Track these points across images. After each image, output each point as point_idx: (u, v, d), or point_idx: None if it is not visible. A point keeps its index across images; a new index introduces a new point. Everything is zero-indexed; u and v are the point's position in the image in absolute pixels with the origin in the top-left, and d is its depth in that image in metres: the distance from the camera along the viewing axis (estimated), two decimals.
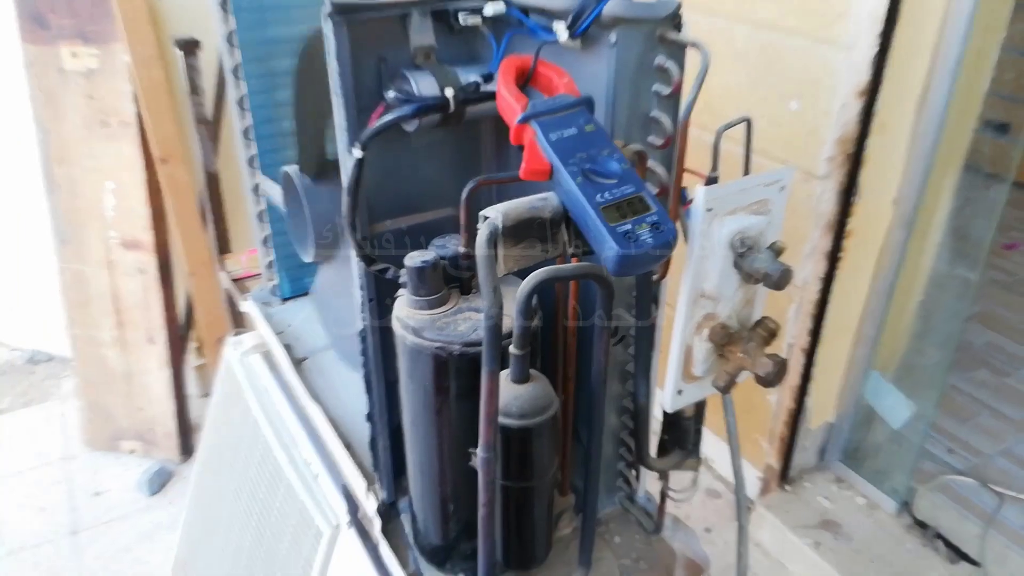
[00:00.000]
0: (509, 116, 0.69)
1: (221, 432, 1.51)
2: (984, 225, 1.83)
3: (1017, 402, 2.45)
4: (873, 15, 1.52)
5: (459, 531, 0.91)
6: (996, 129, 1.90)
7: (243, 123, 1.31)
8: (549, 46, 0.75)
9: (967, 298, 1.87)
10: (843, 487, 2.10)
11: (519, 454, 0.78)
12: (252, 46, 1.24)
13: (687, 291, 0.72)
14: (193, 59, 1.74)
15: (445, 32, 0.85)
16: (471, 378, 0.77)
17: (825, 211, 1.73)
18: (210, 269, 2.31)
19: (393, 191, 0.89)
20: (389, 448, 0.98)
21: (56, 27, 2.10)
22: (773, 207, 0.73)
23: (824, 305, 1.84)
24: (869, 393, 2.03)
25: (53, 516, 2.18)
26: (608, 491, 1.02)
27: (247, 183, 1.39)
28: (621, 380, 0.92)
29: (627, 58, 0.72)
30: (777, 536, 2.02)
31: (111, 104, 2.14)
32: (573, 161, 0.64)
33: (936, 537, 1.92)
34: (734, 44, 1.80)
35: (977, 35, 1.56)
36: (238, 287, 1.64)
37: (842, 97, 1.61)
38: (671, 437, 0.90)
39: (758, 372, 0.72)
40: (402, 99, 0.78)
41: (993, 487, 2.09)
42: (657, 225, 0.62)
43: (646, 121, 0.77)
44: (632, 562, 0.97)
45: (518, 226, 0.64)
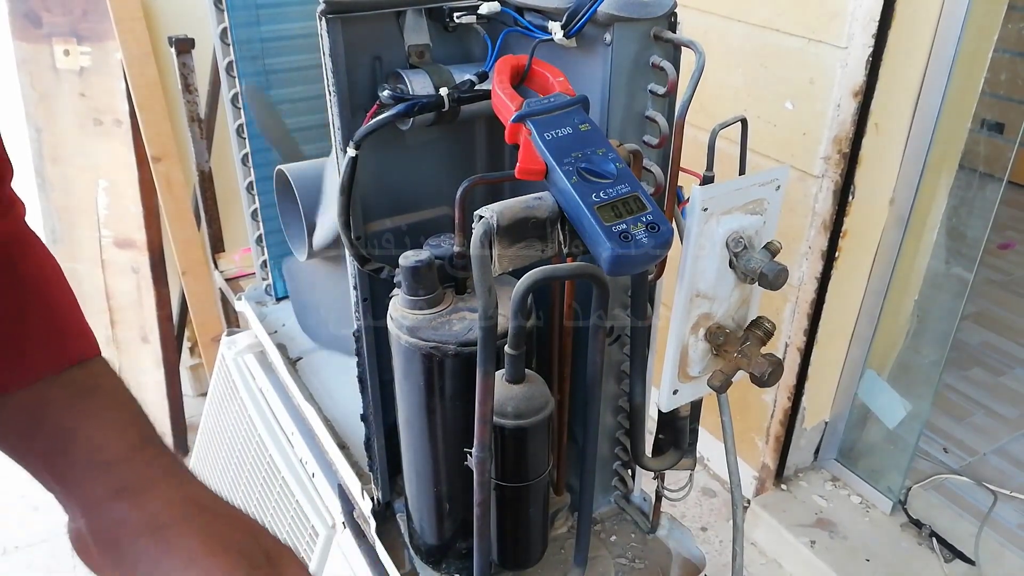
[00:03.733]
0: (504, 115, 0.69)
1: (216, 432, 1.50)
2: (979, 224, 1.83)
3: (1012, 401, 2.46)
4: (868, 15, 1.52)
5: (455, 531, 0.91)
6: (991, 129, 1.90)
7: (237, 121, 1.31)
8: (544, 45, 0.75)
9: (962, 297, 1.87)
10: (838, 486, 2.11)
11: (514, 454, 0.78)
12: (246, 43, 1.23)
13: (683, 291, 0.72)
14: (187, 57, 1.73)
15: (440, 31, 0.84)
16: (466, 378, 0.77)
17: (821, 211, 1.73)
18: (204, 268, 2.30)
19: (387, 190, 0.89)
20: (384, 448, 0.98)
21: (49, 25, 2.09)
22: (769, 207, 0.72)
23: (820, 304, 1.84)
24: (864, 392, 2.03)
25: (47, 515, 2.17)
26: (604, 491, 1.02)
27: (241, 181, 1.39)
28: (617, 380, 0.92)
29: (622, 57, 0.72)
30: (773, 535, 2.02)
31: (104, 102, 2.13)
32: (568, 160, 0.64)
33: (931, 535, 1.92)
34: (729, 44, 1.80)
35: (971, 35, 1.56)
36: (232, 286, 1.64)
37: (837, 97, 1.62)
38: (666, 436, 0.90)
39: (754, 372, 0.72)
40: (396, 98, 0.78)
41: (988, 486, 2.09)
42: (652, 225, 0.62)
43: (641, 120, 0.77)
44: (628, 561, 0.97)
45: (513, 226, 0.64)
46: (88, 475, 0.45)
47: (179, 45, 1.73)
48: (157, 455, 0.47)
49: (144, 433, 0.47)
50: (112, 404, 0.48)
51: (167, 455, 0.47)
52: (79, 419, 0.46)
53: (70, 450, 0.45)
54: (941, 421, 2.34)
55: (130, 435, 0.46)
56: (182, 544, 0.42)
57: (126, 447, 0.46)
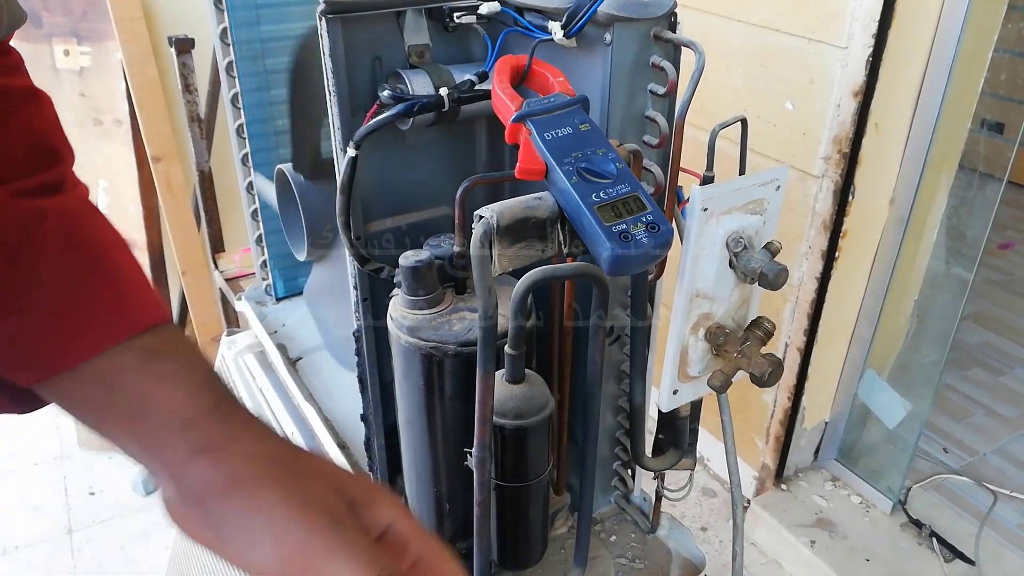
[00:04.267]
0: (504, 115, 0.69)
1: None
2: (979, 224, 1.83)
3: (1012, 401, 2.46)
4: (868, 15, 1.52)
5: (454, 531, 0.91)
6: (991, 129, 1.90)
7: (237, 121, 1.31)
8: (544, 45, 0.75)
9: (962, 297, 1.87)
10: (838, 486, 2.11)
11: (514, 454, 0.78)
12: (246, 44, 1.23)
13: (683, 291, 0.72)
14: (187, 57, 1.73)
15: (440, 31, 0.84)
16: (466, 378, 0.77)
17: (821, 211, 1.73)
18: (204, 268, 2.30)
19: (387, 190, 0.89)
20: (384, 448, 0.98)
21: (49, 25, 2.09)
22: (769, 207, 0.72)
23: (820, 304, 1.84)
24: (864, 392, 2.03)
25: (48, 515, 2.17)
26: (603, 490, 1.02)
27: (241, 181, 1.39)
28: (617, 380, 0.92)
29: (622, 57, 0.72)
30: (773, 535, 2.02)
31: (104, 102, 2.13)
32: (568, 160, 0.64)
33: (931, 535, 1.92)
34: (729, 44, 1.80)
35: (971, 35, 1.56)
36: (232, 286, 1.64)
37: (837, 97, 1.62)
38: (666, 437, 0.90)
39: (754, 372, 0.72)
40: (396, 98, 0.78)
41: (988, 486, 2.09)
42: (653, 225, 0.62)
43: (641, 120, 0.77)
44: (628, 561, 0.97)
45: (513, 225, 0.64)
46: (168, 437, 0.45)
47: (179, 45, 1.73)
48: (233, 412, 0.47)
49: (220, 393, 0.47)
50: (185, 367, 0.48)
51: (243, 412, 0.47)
52: (153, 383, 0.46)
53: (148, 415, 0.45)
54: (941, 421, 2.34)
55: (205, 396, 0.47)
56: (262, 501, 0.42)
57: (203, 407, 0.46)
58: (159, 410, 0.45)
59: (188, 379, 0.47)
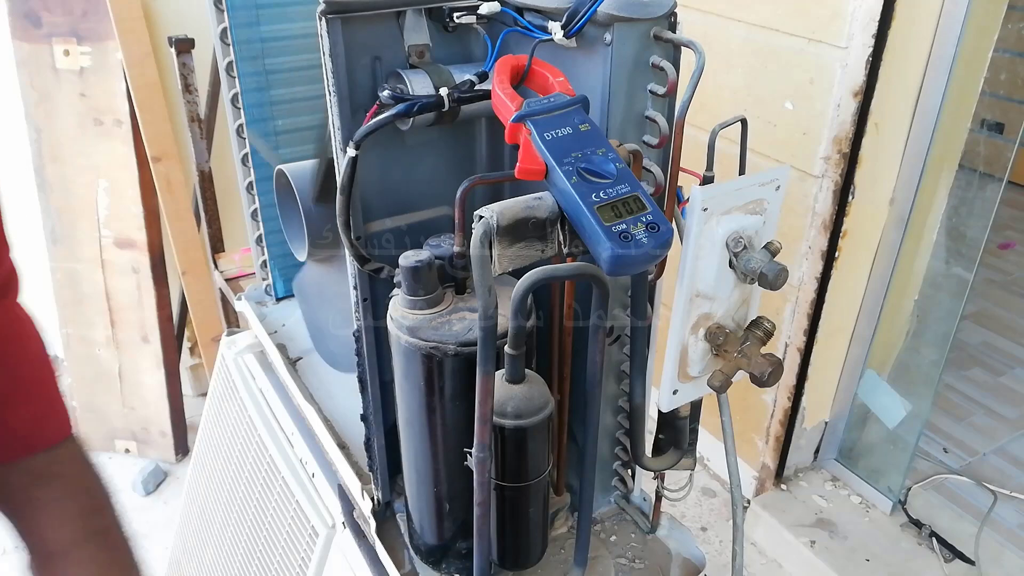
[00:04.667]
0: (504, 115, 0.69)
1: (216, 432, 1.50)
2: (979, 224, 1.83)
3: (1011, 401, 2.46)
4: (868, 15, 1.52)
5: (455, 531, 0.91)
6: (991, 129, 1.90)
7: (237, 121, 1.31)
8: (544, 45, 0.75)
9: (962, 297, 1.87)
10: (838, 486, 2.11)
11: (514, 454, 0.78)
12: (246, 44, 1.23)
13: (683, 291, 0.72)
14: (187, 57, 1.73)
15: (440, 31, 0.84)
16: (466, 378, 0.77)
17: (821, 211, 1.73)
18: (204, 268, 2.30)
19: (387, 190, 0.89)
20: (384, 448, 0.98)
21: (49, 25, 2.09)
22: (769, 207, 0.72)
23: (820, 305, 1.84)
24: (864, 392, 2.03)
25: None
26: (603, 490, 1.02)
27: (241, 181, 1.39)
28: (617, 380, 0.92)
29: (622, 57, 0.72)
30: (773, 535, 2.02)
31: (104, 102, 2.12)
32: (568, 160, 0.64)
33: (931, 536, 1.92)
34: (729, 44, 1.80)
35: (971, 35, 1.56)
36: (232, 286, 1.64)
37: (837, 97, 1.62)
38: (666, 436, 0.90)
39: (754, 372, 0.72)
40: (396, 98, 0.78)
41: (988, 486, 2.09)
42: (652, 225, 0.62)
43: (641, 120, 0.77)
44: (628, 561, 0.97)
45: (513, 225, 0.64)
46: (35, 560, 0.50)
47: (179, 45, 1.73)
48: (97, 552, 0.49)
49: (91, 526, 0.50)
50: (67, 494, 0.50)
51: (106, 551, 0.50)
52: (31, 509, 0.49)
53: (22, 534, 0.50)
54: (941, 421, 2.34)
55: (76, 529, 0.49)
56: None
57: (69, 541, 0.49)
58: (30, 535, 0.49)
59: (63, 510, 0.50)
